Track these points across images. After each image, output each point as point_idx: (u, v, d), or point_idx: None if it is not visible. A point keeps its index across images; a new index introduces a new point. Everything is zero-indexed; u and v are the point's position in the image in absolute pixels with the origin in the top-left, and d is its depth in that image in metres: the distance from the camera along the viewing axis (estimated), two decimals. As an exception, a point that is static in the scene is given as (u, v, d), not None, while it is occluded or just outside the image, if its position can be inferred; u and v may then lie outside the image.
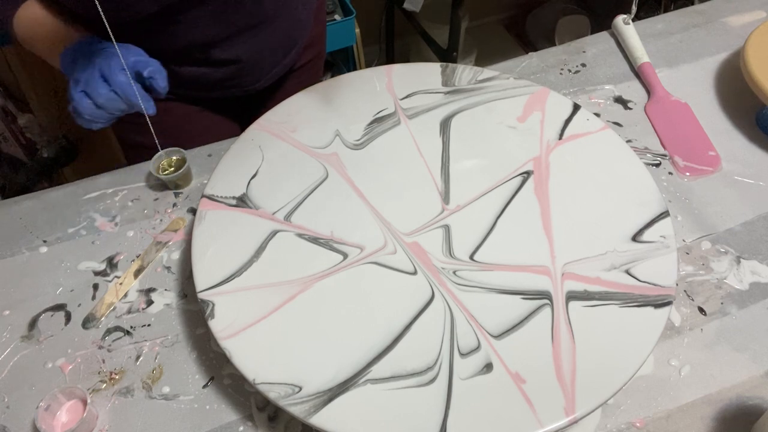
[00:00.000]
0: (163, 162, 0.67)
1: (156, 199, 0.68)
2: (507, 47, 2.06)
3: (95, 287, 0.60)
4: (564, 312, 0.50)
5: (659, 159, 0.69)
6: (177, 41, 0.69)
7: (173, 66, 0.62)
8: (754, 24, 0.82)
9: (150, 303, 0.59)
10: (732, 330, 0.55)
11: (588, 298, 0.51)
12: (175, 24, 0.67)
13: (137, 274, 0.61)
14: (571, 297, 0.51)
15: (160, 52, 0.63)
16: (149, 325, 0.57)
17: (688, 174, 0.67)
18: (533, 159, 0.62)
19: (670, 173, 0.68)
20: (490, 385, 0.46)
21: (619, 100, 0.76)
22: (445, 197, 0.59)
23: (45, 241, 0.64)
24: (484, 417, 0.45)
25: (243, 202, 0.59)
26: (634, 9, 0.85)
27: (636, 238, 0.55)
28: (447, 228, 0.57)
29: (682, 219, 0.63)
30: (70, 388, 0.51)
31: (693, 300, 0.57)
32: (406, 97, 0.69)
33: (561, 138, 0.64)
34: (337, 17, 1.43)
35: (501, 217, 0.57)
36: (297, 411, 0.45)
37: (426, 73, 0.72)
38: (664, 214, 0.56)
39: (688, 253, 0.61)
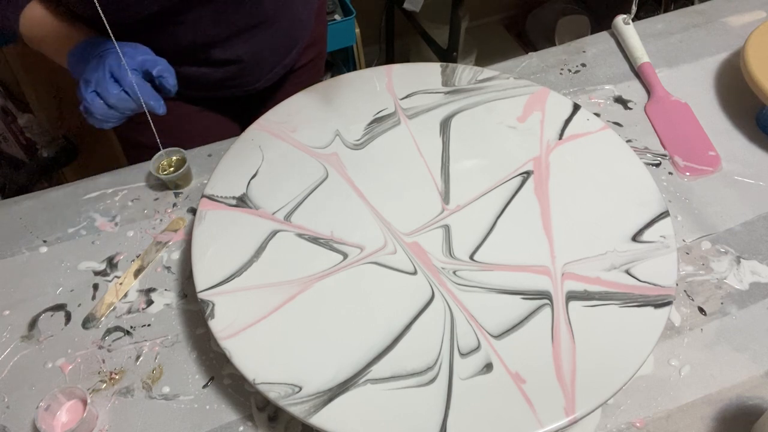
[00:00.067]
0: (163, 162, 0.68)
1: (156, 199, 0.68)
2: (507, 47, 2.06)
3: (95, 287, 0.60)
4: (564, 312, 0.50)
5: (659, 159, 0.69)
6: (178, 41, 0.70)
7: (174, 66, 0.62)
8: (754, 24, 0.82)
9: (150, 303, 0.59)
10: (732, 330, 0.55)
11: (588, 298, 0.51)
12: (176, 24, 0.67)
13: (137, 274, 0.61)
14: (571, 297, 0.51)
15: (160, 52, 0.63)
16: (149, 325, 0.57)
17: (688, 174, 0.67)
18: (533, 159, 0.62)
19: (670, 173, 0.68)
20: (490, 385, 0.46)
21: (619, 100, 0.76)
22: (445, 197, 0.59)
23: (45, 241, 0.64)
24: (484, 417, 0.45)
25: (243, 202, 0.59)
26: (634, 9, 0.85)
27: (636, 238, 0.55)
28: (447, 228, 0.57)
29: (682, 219, 0.63)
30: (70, 388, 0.51)
31: (693, 300, 0.57)
32: (406, 97, 0.69)
33: (561, 138, 0.64)
34: (337, 17, 1.43)
35: (501, 217, 0.57)
36: (297, 411, 0.45)
37: (426, 73, 0.72)
38: (664, 214, 0.56)
39: (688, 253, 0.61)
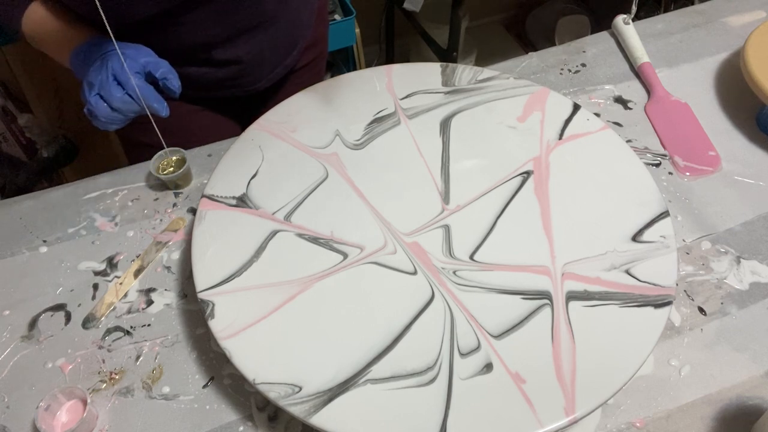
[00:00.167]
0: (163, 162, 0.68)
1: (156, 199, 0.68)
2: (507, 47, 2.05)
3: (95, 287, 0.60)
4: (564, 312, 0.50)
5: (659, 159, 0.69)
6: (178, 42, 0.70)
7: (174, 66, 0.62)
8: (754, 24, 0.82)
9: (150, 303, 0.59)
10: (732, 330, 0.55)
11: (588, 298, 0.51)
12: (177, 25, 0.67)
13: (137, 274, 0.61)
14: (571, 297, 0.51)
15: (161, 52, 0.63)
16: (149, 325, 0.57)
17: (688, 174, 0.67)
18: (533, 159, 0.62)
19: (670, 173, 0.68)
20: (490, 385, 0.46)
21: (619, 100, 0.76)
22: (445, 197, 0.59)
23: (45, 241, 0.64)
24: (484, 417, 0.45)
25: (243, 202, 0.59)
26: (634, 9, 0.85)
27: (636, 238, 0.55)
28: (447, 228, 0.57)
29: (682, 219, 0.63)
30: (70, 388, 0.51)
31: (693, 300, 0.57)
32: (406, 97, 0.69)
33: (561, 138, 0.64)
34: (337, 17, 1.43)
35: (501, 217, 0.57)
36: (297, 411, 0.45)
37: (426, 73, 0.72)
38: (664, 214, 0.56)
39: (688, 253, 0.61)
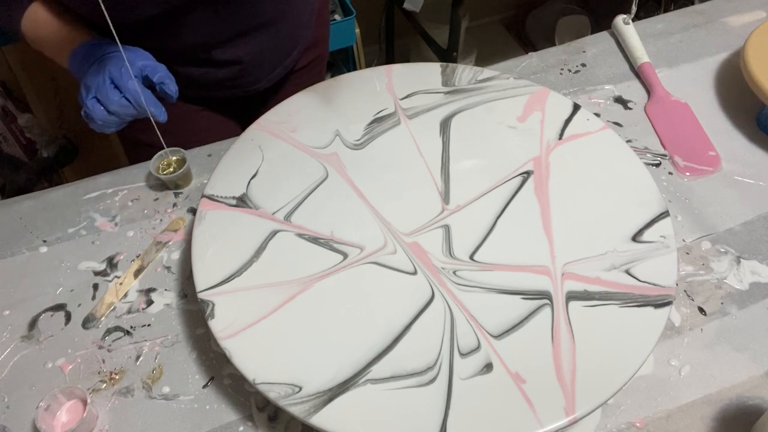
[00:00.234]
0: (163, 162, 0.68)
1: (156, 199, 0.68)
2: (507, 47, 2.06)
3: (95, 287, 0.60)
4: (564, 312, 0.50)
5: (659, 159, 0.69)
6: (178, 42, 0.70)
7: (174, 66, 0.62)
8: (754, 24, 0.82)
9: (150, 303, 0.59)
10: (732, 330, 0.55)
11: (588, 298, 0.51)
12: (177, 25, 0.67)
13: (137, 274, 0.61)
14: (571, 297, 0.51)
15: (161, 52, 0.63)
16: (149, 325, 0.57)
17: (688, 174, 0.67)
18: (533, 159, 0.62)
19: (670, 173, 0.68)
20: (490, 385, 0.46)
21: (619, 100, 0.76)
22: (445, 197, 0.59)
23: (45, 241, 0.64)
24: (484, 417, 0.45)
25: (243, 202, 0.59)
26: (634, 9, 0.85)
27: (636, 238, 0.55)
28: (447, 228, 0.57)
29: (682, 219, 0.63)
30: (70, 388, 0.51)
31: (693, 300, 0.57)
32: (406, 97, 0.69)
33: (561, 138, 0.64)
34: (337, 17, 1.43)
35: (501, 217, 0.57)
36: (297, 411, 0.45)
37: (426, 73, 0.72)
38: (664, 214, 0.56)
39: (688, 253, 0.61)
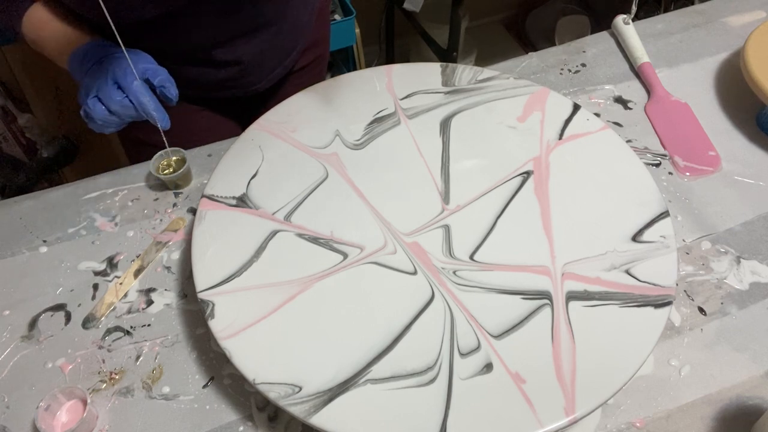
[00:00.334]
0: (163, 162, 0.68)
1: (156, 199, 0.68)
2: (507, 47, 2.06)
3: (95, 287, 0.60)
4: (564, 312, 0.50)
5: (659, 159, 0.69)
6: (178, 42, 0.70)
7: (174, 66, 0.62)
8: (754, 24, 0.82)
9: (150, 303, 0.59)
10: (732, 330, 0.55)
11: (588, 298, 0.51)
12: (177, 26, 0.67)
13: (137, 274, 0.61)
14: (571, 297, 0.51)
15: (161, 52, 0.63)
16: (149, 325, 0.57)
17: (688, 174, 0.67)
18: (533, 159, 0.62)
19: (670, 173, 0.68)
20: (490, 385, 0.46)
21: (619, 100, 0.76)
22: (445, 197, 0.59)
23: (45, 241, 0.64)
24: (484, 417, 0.45)
25: (243, 202, 0.59)
26: (634, 9, 0.85)
27: (636, 238, 0.55)
28: (447, 228, 0.57)
29: (682, 219, 0.63)
30: (70, 388, 0.51)
31: (693, 300, 0.57)
32: (406, 97, 0.69)
33: (561, 138, 0.64)
34: (337, 17, 1.43)
35: (501, 217, 0.57)
36: (297, 411, 0.45)
37: (426, 73, 0.72)
38: (664, 214, 0.56)
39: (688, 253, 0.61)
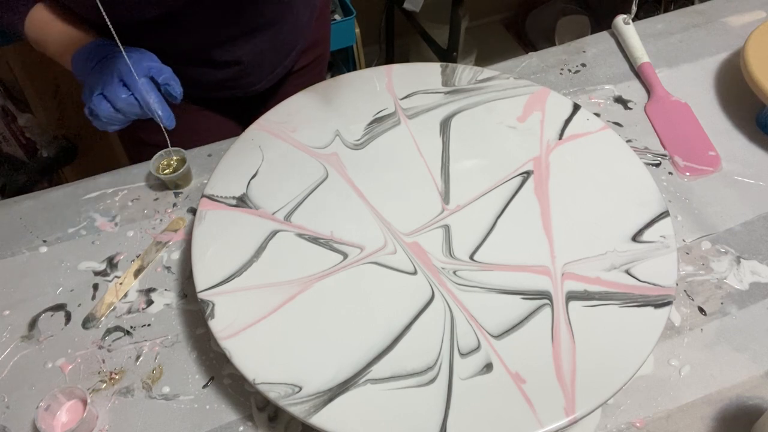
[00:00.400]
0: (163, 162, 0.68)
1: (156, 199, 0.68)
2: (507, 47, 2.06)
3: (95, 287, 0.60)
4: (564, 312, 0.50)
5: (659, 159, 0.69)
6: (178, 42, 0.69)
7: (174, 66, 0.62)
8: (754, 24, 0.82)
9: (150, 303, 0.59)
10: (732, 330, 0.55)
11: (588, 298, 0.51)
12: (176, 26, 0.67)
13: (137, 274, 0.61)
14: (571, 297, 0.51)
15: (160, 52, 0.63)
16: (149, 325, 0.57)
17: (688, 174, 0.67)
18: (533, 159, 0.62)
19: (670, 173, 0.68)
20: (490, 385, 0.46)
21: (619, 100, 0.76)
22: (445, 197, 0.59)
23: (45, 241, 0.64)
24: (484, 417, 0.45)
25: (243, 202, 0.59)
26: (634, 9, 0.85)
27: (636, 238, 0.55)
28: (447, 228, 0.57)
29: (682, 219, 0.63)
30: (70, 388, 0.51)
31: (693, 300, 0.57)
32: (406, 97, 0.69)
33: (561, 138, 0.64)
34: (337, 17, 1.43)
35: (501, 217, 0.57)
36: (297, 411, 0.45)
37: (426, 73, 0.72)
38: (664, 214, 0.56)
39: (688, 253, 0.61)
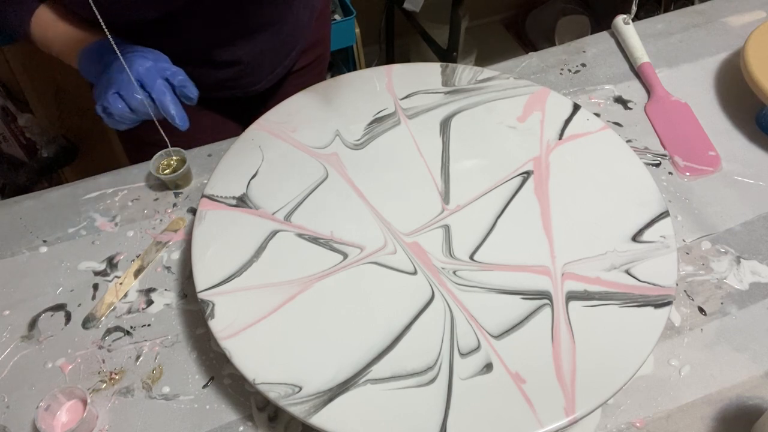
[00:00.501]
0: (163, 162, 0.68)
1: (156, 199, 0.68)
2: (507, 47, 2.06)
3: (95, 287, 0.60)
4: (564, 312, 0.50)
5: (659, 159, 0.69)
6: (178, 43, 0.69)
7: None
8: (754, 24, 0.82)
9: (150, 303, 0.59)
10: (732, 330, 0.55)
11: (588, 298, 0.51)
12: (176, 27, 0.67)
13: (137, 274, 0.61)
14: (571, 297, 0.51)
15: (160, 52, 0.63)
16: (149, 325, 0.57)
17: (688, 174, 0.67)
18: (533, 159, 0.62)
19: (670, 173, 0.68)
20: (490, 385, 0.46)
21: (619, 100, 0.76)
22: (445, 197, 0.59)
23: (45, 241, 0.64)
24: (484, 417, 0.45)
25: (243, 202, 0.59)
26: (634, 9, 0.85)
27: (636, 238, 0.55)
28: (447, 228, 0.57)
29: (682, 219, 0.63)
30: (70, 388, 0.51)
31: (693, 300, 0.57)
32: (406, 97, 0.69)
33: (561, 138, 0.64)
34: (337, 17, 1.43)
35: (501, 217, 0.57)
36: (297, 411, 0.45)
37: (426, 73, 0.72)
38: (664, 214, 0.56)
39: (688, 253, 0.61)
